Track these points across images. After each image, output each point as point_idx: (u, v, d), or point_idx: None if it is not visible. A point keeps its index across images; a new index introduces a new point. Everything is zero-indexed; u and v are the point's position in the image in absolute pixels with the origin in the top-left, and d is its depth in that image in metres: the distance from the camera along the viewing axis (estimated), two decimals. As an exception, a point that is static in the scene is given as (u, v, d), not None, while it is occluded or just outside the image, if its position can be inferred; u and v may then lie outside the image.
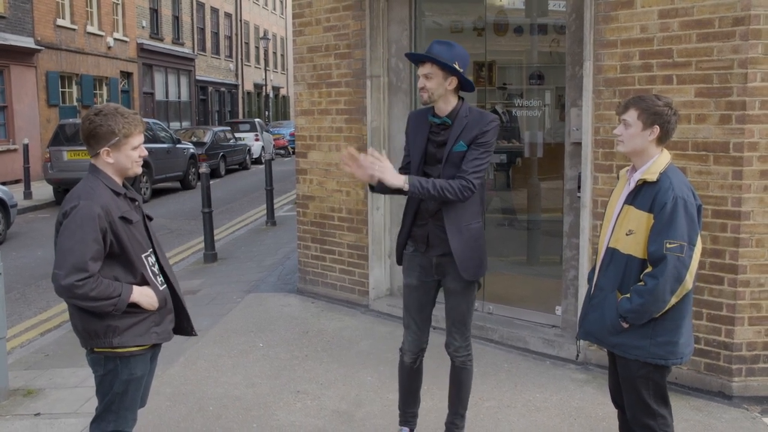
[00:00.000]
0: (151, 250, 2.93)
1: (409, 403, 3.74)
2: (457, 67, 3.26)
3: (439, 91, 3.31)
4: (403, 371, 3.68)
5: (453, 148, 3.31)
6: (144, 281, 2.84)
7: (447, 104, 3.36)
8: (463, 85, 3.37)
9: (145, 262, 2.86)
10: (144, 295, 2.81)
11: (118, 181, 2.86)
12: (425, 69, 3.28)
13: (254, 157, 25.58)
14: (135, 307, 2.79)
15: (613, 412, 3.31)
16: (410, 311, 3.58)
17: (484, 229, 3.47)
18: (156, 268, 2.93)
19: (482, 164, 3.29)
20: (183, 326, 3.10)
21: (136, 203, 2.93)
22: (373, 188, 3.42)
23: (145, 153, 2.91)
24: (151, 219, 3.05)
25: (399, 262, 3.63)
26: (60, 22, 20.77)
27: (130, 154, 2.82)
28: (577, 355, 4.91)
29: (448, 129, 3.37)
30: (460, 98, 3.41)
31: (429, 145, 3.42)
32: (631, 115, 2.90)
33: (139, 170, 2.90)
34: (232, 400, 4.42)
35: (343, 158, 3.30)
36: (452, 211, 3.34)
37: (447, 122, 3.37)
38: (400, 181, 3.16)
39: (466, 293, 3.47)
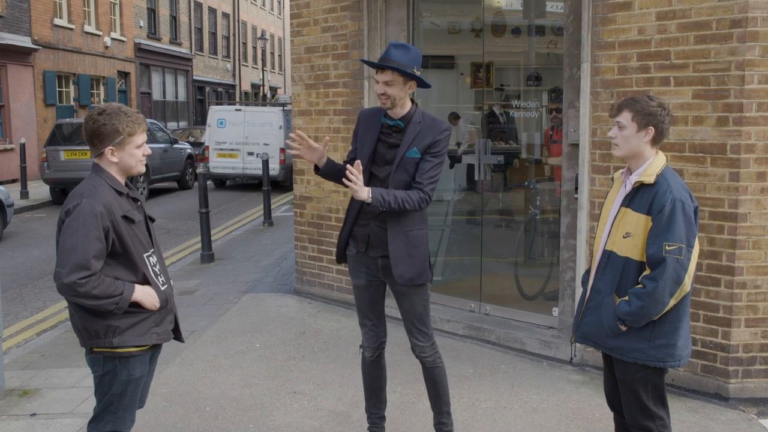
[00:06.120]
0: (152, 250, 2.93)
1: (373, 402, 3.74)
2: (416, 71, 3.27)
3: (400, 96, 3.31)
4: (365, 367, 3.71)
5: (406, 154, 3.32)
6: (145, 281, 2.83)
7: (402, 108, 3.37)
8: (420, 85, 3.39)
9: (147, 262, 2.86)
10: (146, 295, 2.81)
11: (121, 180, 2.86)
12: (386, 76, 3.26)
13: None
14: (136, 307, 2.79)
15: (610, 413, 3.31)
16: (363, 310, 3.63)
17: (427, 236, 3.47)
18: (157, 268, 2.93)
19: (437, 174, 3.33)
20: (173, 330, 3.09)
21: (138, 203, 2.93)
22: (318, 170, 3.52)
23: (149, 152, 2.92)
24: (153, 220, 3.05)
25: (338, 260, 3.64)
26: (57, 21, 20.74)
27: (134, 153, 2.83)
28: (572, 358, 4.91)
29: (400, 132, 3.37)
30: (414, 102, 3.42)
31: (379, 145, 3.42)
32: (625, 117, 2.90)
33: (143, 169, 2.90)
34: (229, 400, 4.41)
35: (291, 138, 3.44)
36: (395, 216, 3.34)
37: (399, 125, 3.37)
38: (364, 195, 3.16)
39: (418, 293, 3.46)
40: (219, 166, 16.89)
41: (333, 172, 3.50)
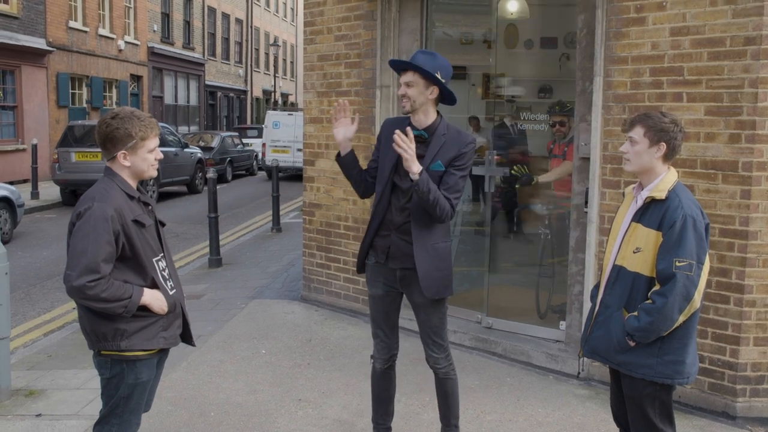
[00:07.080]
0: (162, 254, 2.95)
1: (380, 413, 3.73)
2: (438, 76, 3.25)
3: (420, 100, 3.29)
4: (374, 377, 3.70)
5: (430, 167, 3.29)
6: (154, 285, 2.85)
7: (426, 117, 3.35)
8: (445, 97, 3.36)
9: (156, 266, 2.87)
10: (155, 299, 2.82)
11: (133, 184, 2.88)
12: (407, 77, 3.28)
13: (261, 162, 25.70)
14: (144, 311, 2.80)
15: (616, 429, 3.29)
16: (377, 321, 3.62)
17: (451, 249, 3.46)
18: (166, 273, 2.95)
19: (462, 187, 3.32)
20: (183, 334, 3.10)
21: (149, 207, 2.95)
22: (339, 157, 3.52)
23: (161, 156, 2.94)
24: (163, 225, 3.07)
25: (359, 270, 3.64)
26: (72, 24, 20.91)
27: (146, 157, 2.85)
28: (579, 372, 4.89)
29: (423, 143, 3.35)
30: (439, 114, 3.40)
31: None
32: (638, 132, 2.90)
33: (154, 173, 2.92)
34: (234, 406, 4.41)
35: (338, 106, 3.48)
36: (421, 229, 3.32)
37: (423, 135, 3.34)
38: (416, 167, 3.11)
39: (436, 306, 3.45)
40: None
41: (352, 166, 3.50)
